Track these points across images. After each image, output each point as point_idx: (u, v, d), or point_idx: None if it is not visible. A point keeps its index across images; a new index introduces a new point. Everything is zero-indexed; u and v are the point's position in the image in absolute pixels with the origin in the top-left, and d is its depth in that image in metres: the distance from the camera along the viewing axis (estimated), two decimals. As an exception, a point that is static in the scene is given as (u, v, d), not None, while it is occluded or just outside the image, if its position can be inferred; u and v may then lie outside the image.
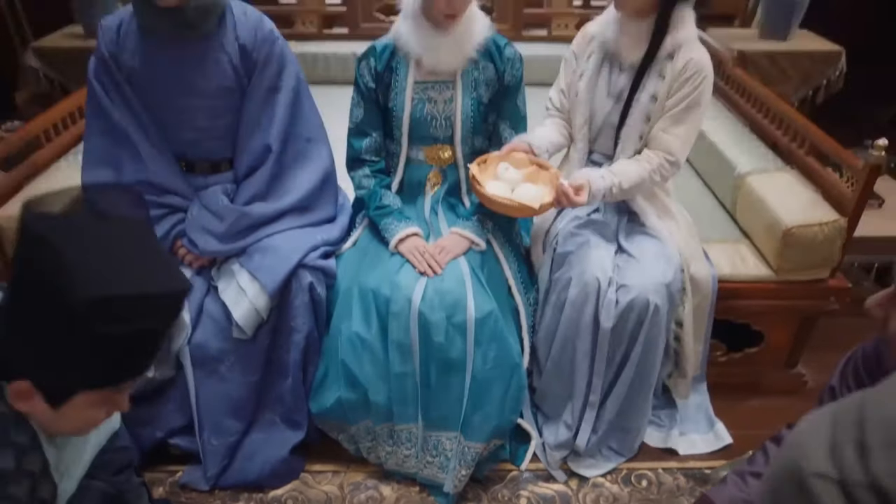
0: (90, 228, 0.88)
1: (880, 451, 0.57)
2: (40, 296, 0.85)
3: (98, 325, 0.84)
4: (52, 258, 0.83)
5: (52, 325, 0.85)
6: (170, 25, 1.53)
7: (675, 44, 1.54)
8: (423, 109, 1.69)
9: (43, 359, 0.87)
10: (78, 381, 0.90)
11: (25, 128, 1.93)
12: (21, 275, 0.87)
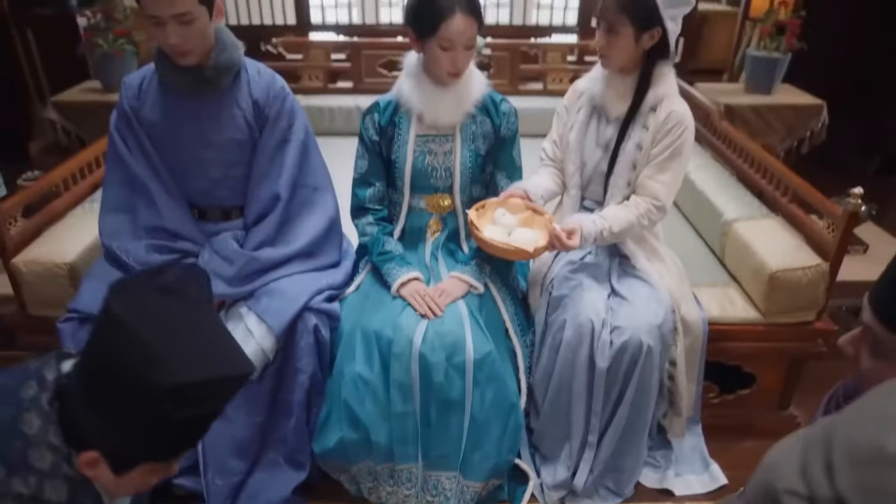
0: (166, 311, 0.92)
1: (844, 470, 0.64)
2: (119, 377, 0.89)
3: (174, 410, 0.89)
4: (134, 343, 0.87)
5: (128, 406, 0.89)
6: (189, 82, 1.65)
7: (657, 98, 1.66)
8: (424, 161, 1.79)
9: (116, 435, 0.92)
10: (145, 455, 0.96)
11: (45, 177, 2.03)
12: (101, 354, 0.92)
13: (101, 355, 0.92)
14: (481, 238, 1.62)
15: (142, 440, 0.93)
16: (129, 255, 1.68)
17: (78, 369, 0.95)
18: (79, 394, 0.93)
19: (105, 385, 0.91)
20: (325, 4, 4.22)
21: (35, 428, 0.92)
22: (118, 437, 0.92)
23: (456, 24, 1.58)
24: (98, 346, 0.92)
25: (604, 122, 1.77)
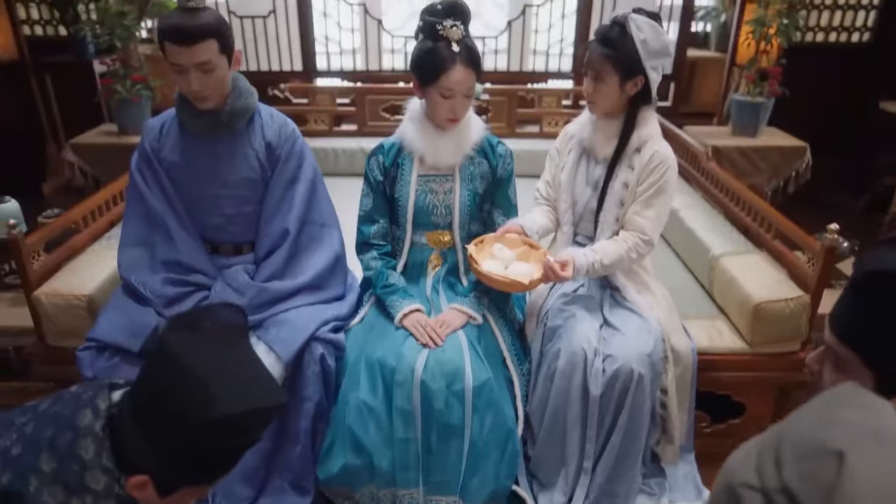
0: (213, 347, 1.00)
1: (790, 464, 0.72)
2: (171, 408, 0.97)
3: (221, 439, 0.97)
4: (186, 378, 0.95)
5: (178, 434, 0.97)
6: (207, 125, 1.78)
7: (641, 139, 1.78)
8: (425, 199, 1.90)
9: (165, 460, 0.99)
10: (190, 480, 1.04)
11: (66, 215, 2.14)
12: (154, 386, 1.00)
13: (154, 387, 1.00)
14: (480, 271, 1.72)
15: (188, 466, 1.01)
16: (146, 287, 1.78)
17: (129, 399, 1.03)
18: (130, 422, 1.00)
19: (156, 414, 0.99)
20: (330, 52, 4.40)
21: (90, 453, 1.00)
22: (166, 462, 0.99)
23: (456, 75, 1.71)
24: (151, 379, 1.01)
25: (592, 163, 1.89)
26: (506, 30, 4.27)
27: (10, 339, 2.18)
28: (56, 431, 1.02)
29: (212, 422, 0.96)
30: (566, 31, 4.28)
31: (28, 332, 2.14)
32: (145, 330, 1.72)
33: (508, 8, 4.34)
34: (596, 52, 1.75)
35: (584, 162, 1.91)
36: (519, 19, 4.22)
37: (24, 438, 1.04)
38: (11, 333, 2.18)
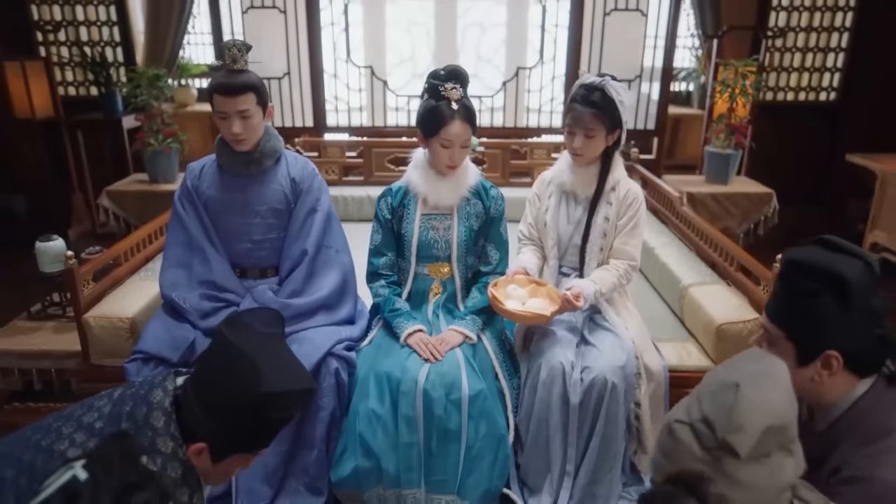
0: (261, 340, 1.26)
1: (706, 399, 0.99)
2: (229, 386, 1.21)
3: (267, 412, 1.23)
4: (243, 361, 1.21)
5: (233, 408, 1.21)
6: (242, 163, 2.10)
7: (615, 180, 2.08)
8: (427, 235, 2.19)
9: (220, 430, 1.23)
10: (238, 448, 1.28)
11: (110, 250, 2.43)
12: (215, 369, 1.25)
13: (214, 370, 1.26)
14: (505, 310, 1.98)
15: (237, 435, 1.25)
16: (185, 302, 2.05)
17: (192, 381, 1.29)
18: (193, 399, 1.26)
19: (215, 392, 1.24)
20: (339, 109, 4.78)
21: (161, 423, 1.25)
22: (221, 432, 1.24)
23: (454, 129, 2.02)
24: (211, 364, 1.27)
25: (573, 204, 2.18)
26: (501, 89, 4.66)
27: (53, 362, 2.42)
28: (134, 406, 1.27)
29: (260, 397, 1.21)
30: (556, 91, 4.66)
31: (69, 355, 2.40)
32: (183, 343, 1.98)
33: (504, 69, 4.72)
34: (586, 113, 2.05)
35: (565, 203, 2.20)
36: (513, 80, 4.61)
37: (104, 415, 1.29)
38: (54, 357, 2.42)
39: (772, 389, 0.98)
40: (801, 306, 1.25)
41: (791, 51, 4.89)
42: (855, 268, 1.22)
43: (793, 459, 0.98)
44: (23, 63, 4.24)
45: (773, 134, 4.84)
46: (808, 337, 1.25)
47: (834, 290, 1.20)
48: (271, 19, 4.36)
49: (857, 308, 1.20)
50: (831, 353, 1.22)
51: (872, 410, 1.23)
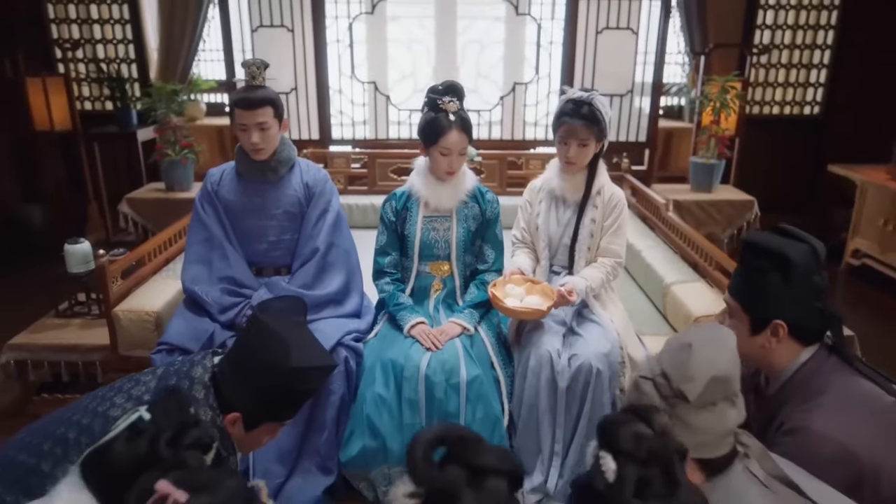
0: (289, 323, 1.46)
1: (666, 356, 1.18)
2: (262, 362, 1.40)
3: (294, 385, 1.42)
4: (275, 339, 1.40)
5: (265, 382, 1.40)
6: (259, 170, 2.29)
7: (599, 184, 2.28)
8: (428, 235, 2.38)
9: (255, 401, 1.42)
10: (269, 417, 1.46)
11: (135, 251, 2.63)
12: (249, 347, 1.44)
13: (248, 347, 1.45)
14: (506, 307, 2.16)
15: (268, 405, 1.44)
16: (207, 295, 2.24)
17: (228, 358, 1.48)
18: (229, 374, 1.44)
19: (249, 366, 1.43)
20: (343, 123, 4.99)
21: (201, 395, 1.44)
22: (254, 402, 1.42)
23: (452, 138, 2.22)
24: (246, 342, 1.47)
25: (562, 208, 2.38)
26: (499, 104, 4.87)
27: (80, 355, 2.61)
28: (178, 380, 1.46)
29: (289, 371, 1.40)
30: (551, 106, 4.88)
31: (95, 349, 2.58)
32: (204, 334, 2.17)
33: (502, 85, 4.94)
34: (578, 125, 2.23)
35: (555, 208, 2.40)
36: (510, 95, 4.83)
37: (151, 389, 1.48)
38: (80, 350, 2.60)
39: (718, 350, 1.17)
40: (753, 282, 1.45)
41: (776, 67, 5.11)
42: (800, 250, 1.42)
43: (735, 409, 1.17)
44: (44, 79, 4.45)
45: (761, 146, 5.05)
46: (759, 308, 1.44)
47: (780, 268, 1.39)
48: (279, 37, 4.59)
49: (799, 284, 1.39)
50: (778, 323, 1.41)
51: (814, 374, 1.42)
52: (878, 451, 1.32)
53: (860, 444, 1.31)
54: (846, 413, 1.36)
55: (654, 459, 0.89)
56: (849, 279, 4.49)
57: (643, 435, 0.91)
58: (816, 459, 1.29)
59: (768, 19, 4.99)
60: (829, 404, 1.37)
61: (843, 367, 1.46)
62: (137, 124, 4.72)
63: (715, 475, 1.15)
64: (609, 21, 4.60)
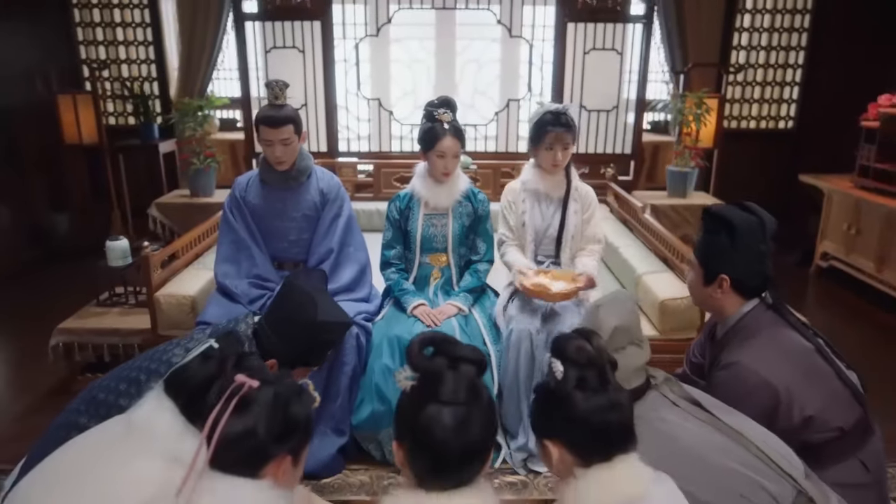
0: (315, 287, 1.83)
1: (586, 319, 1.53)
2: (296, 317, 1.76)
3: (320, 335, 1.77)
4: (306, 298, 1.76)
5: (296, 333, 1.75)
6: (281, 179, 2.64)
7: (575, 182, 2.64)
8: (428, 231, 2.73)
9: (289, 350, 1.76)
10: (300, 362, 1.80)
11: (169, 246, 3.00)
12: (284, 306, 1.79)
13: (283, 305, 1.80)
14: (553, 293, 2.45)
15: (298, 353, 1.78)
16: (237, 288, 2.59)
17: (266, 316, 1.83)
18: (267, 328, 1.79)
19: (284, 321, 1.78)
20: (350, 137, 5.37)
21: (245, 346, 1.78)
22: (288, 351, 1.77)
23: (446, 142, 2.58)
24: (282, 302, 1.82)
25: (545, 204, 2.73)
26: (493, 119, 5.26)
27: (120, 338, 2.95)
28: None
29: (316, 324, 1.75)
30: (543, 120, 5.25)
31: (133, 332, 2.93)
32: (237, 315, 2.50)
33: (498, 101, 5.32)
34: (562, 132, 2.59)
35: (538, 205, 2.75)
36: (504, 111, 5.21)
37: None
38: (121, 334, 2.95)
39: (619, 308, 1.53)
40: (706, 242, 1.80)
41: (751, 85, 5.49)
42: (746, 220, 1.75)
43: (641, 350, 1.52)
44: (74, 96, 4.83)
45: (740, 158, 5.42)
46: (708, 263, 1.79)
47: (727, 231, 1.74)
48: (291, 57, 4.98)
49: (743, 247, 1.72)
50: (722, 277, 1.76)
51: (752, 322, 1.75)
52: (793, 385, 1.65)
53: (778, 378, 1.64)
54: (770, 354, 1.69)
55: (591, 365, 1.24)
56: (819, 280, 4.84)
57: (584, 347, 1.26)
58: (743, 387, 1.63)
59: (743, 41, 5.38)
60: (757, 346, 1.70)
61: (778, 321, 1.78)
62: (159, 137, 5.09)
63: (636, 401, 1.49)
64: (595, 42, 4.99)
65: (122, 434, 1.34)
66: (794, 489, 1.39)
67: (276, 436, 1.20)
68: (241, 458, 1.18)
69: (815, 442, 1.65)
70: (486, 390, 1.20)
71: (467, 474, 1.13)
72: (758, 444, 1.43)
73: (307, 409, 1.27)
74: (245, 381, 1.19)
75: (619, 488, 1.19)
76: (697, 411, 1.50)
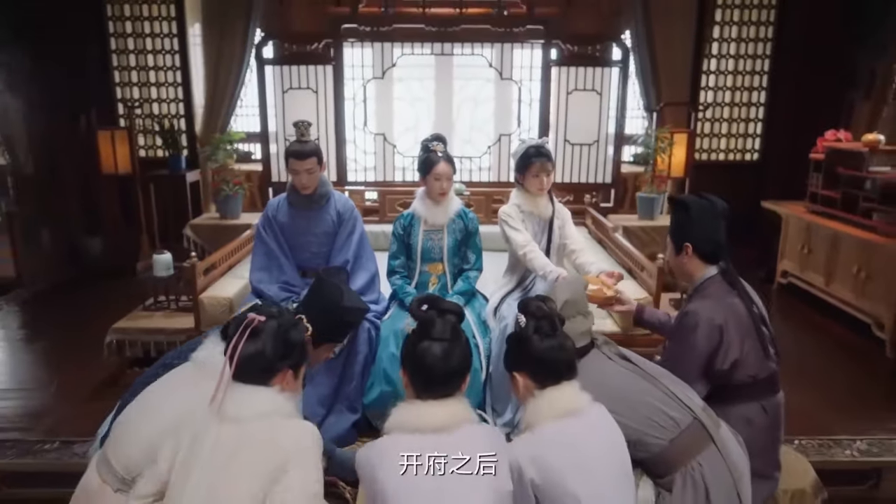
0: (339, 279, 2.36)
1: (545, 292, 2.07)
2: (326, 302, 2.24)
3: (343, 317, 2.27)
4: (333, 289, 2.27)
5: (327, 314, 2.23)
6: (305, 201, 3.19)
7: (556, 203, 3.18)
8: (427, 244, 3.27)
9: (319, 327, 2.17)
10: (327, 338, 2.31)
11: (210, 258, 3.54)
12: (317, 294, 2.29)
13: (317, 294, 2.31)
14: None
15: (327, 330, 2.28)
16: (269, 291, 3.12)
17: (303, 302, 2.34)
18: (302, 311, 2.29)
19: (317, 305, 2.28)
20: (357, 168, 5.96)
21: None
22: (318, 328, 2.26)
23: (440, 167, 3.14)
24: (315, 291, 2.33)
25: (535, 223, 3.26)
26: (487, 151, 5.84)
27: (165, 336, 3.47)
28: None
29: (342, 308, 2.27)
30: (531, 153, 5.83)
31: (176, 331, 3.45)
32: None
33: (491, 135, 5.91)
34: (545, 161, 3.12)
35: (530, 224, 3.28)
36: (496, 144, 5.81)
37: None
38: (166, 333, 3.46)
39: (569, 286, 2.07)
40: (673, 221, 2.35)
41: (719, 121, 6.09)
42: (699, 202, 2.32)
43: (586, 320, 2.05)
44: (112, 132, 5.44)
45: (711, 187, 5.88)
46: (676, 236, 2.33)
47: (685, 210, 2.29)
48: (305, 97, 5.60)
49: (697, 220, 2.27)
50: (686, 244, 2.28)
51: (710, 285, 2.27)
52: (729, 332, 2.17)
53: (722, 322, 2.16)
54: (718, 308, 2.20)
55: (545, 317, 1.77)
56: (780, 295, 5.36)
57: (541, 306, 1.79)
58: (694, 328, 2.14)
59: (711, 82, 5.99)
60: (707, 300, 2.22)
61: (728, 288, 2.28)
62: (185, 168, 5.67)
63: (582, 356, 2.01)
64: (577, 84, 5.61)
65: (190, 369, 1.88)
66: (691, 416, 1.91)
67: (279, 355, 1.71)
68: (255, 372, 1.69)
69: (733, 384, 2.19)
70: (463, 333, 1.72)
71: (450, 388, 1.65)
72: (668, 386, 1.95)
73: (301, 335, 1.80)
74: (255, 317, 1.71)
75: (563, 404, 1.71)
76: (626, 364, 2.02)
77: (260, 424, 1.63)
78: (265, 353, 1.70)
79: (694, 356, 2.18)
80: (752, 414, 2.19)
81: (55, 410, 3.32)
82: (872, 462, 2.90)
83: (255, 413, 1.64)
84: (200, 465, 1.60)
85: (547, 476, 1.64)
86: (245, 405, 1.66)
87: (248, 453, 1.59)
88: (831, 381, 3.76)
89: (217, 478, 1.57)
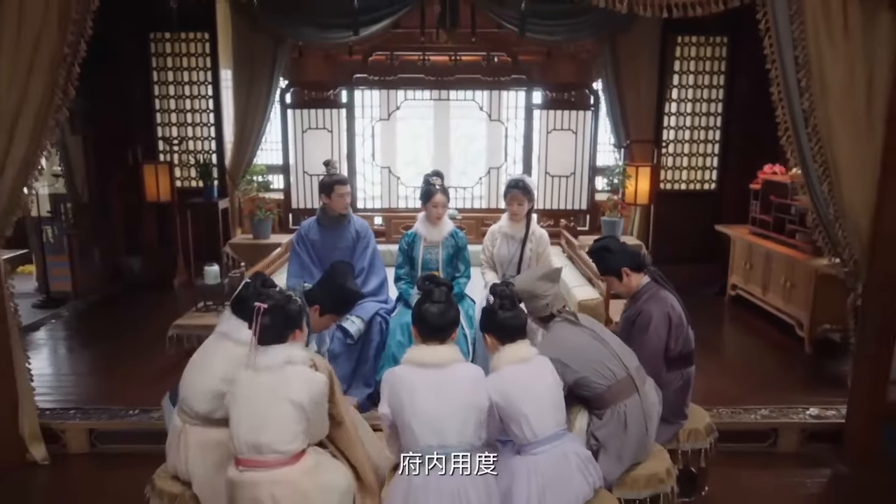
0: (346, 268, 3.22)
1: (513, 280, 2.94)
2: (334, 282, 3.10)
3: (347, 296, 3.12)
4: (341, 272, 3.13)
5: (334, 291, 3.08)
6: (333, 221, 4.07)
7: (532, 227, 4.05)
8: (426, 256, 4.14)
9: (325, 301, 3.06)
10: (331, 311, 3.17)
11: (254, 268, 4.38)
12: (330, 277, 3.15)
13: (328, 276, 3.17)
14: None
15: (332, 303, 3.11)
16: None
17: (319, 281, 3.20)
18: (316, 289, 3.13)
19: (326, 285, 3.12)
20: (365, 197, 6.85)
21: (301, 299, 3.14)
22: (325, 301, 3.09)
23: (438, 197, 4.03)
24: (327, 275, 3.19)
25: (510, 242, 4.12)
26: (479, 182, 6.74)
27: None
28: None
29: (346, 288, 3.12)
30: (516, 183, 6.73)
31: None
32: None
33: (483, 168, 6.81)
34: (518, 192, 4.00)
35: (506, 243, 4.14)
36: (487, 176, 6.70)
37: None
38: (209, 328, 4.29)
39: (526, 280, 2.92)
40: (601, 261, 3.19)
41: (680, 155, 7.00)
42: (611, 241, 3.18)
43: (543, 301, 2.89)
44: (156, 166, 6.33)
45: (675, 213, 6.85)
46: (611, 269, 3.16)
47: (607, 251, 3.14)
48: (321, 136, 6.51)
49: (619, 252, 3.12)
50: (623, 269, 3.12)
51: (649, 288, 3.09)
52: (675, 319, 2.98)
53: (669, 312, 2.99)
54: (661, 302, 3.01)
55: (507, 298, 2.62)
56: (730, 305, 6.22)
57: (505, 290, 2.65)
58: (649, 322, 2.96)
59: (672, 123, 6.92)
60: (651, 299, 3.03)
61: (659, 288, 3.09)
62: (218, 196, 6.56)
63: (548, 322, 2.86)
64: (556, 125, 6.53)
65: (217, 339, 2.71)
66: (625, 372, 2.74)
67: (285, 324, 2.50)
68: (273, 337, 2.46)
69: (670, 357, 3.00)
70: (454, 298, 2.56)
71: (444, 336, 2.49)
72: (614, 347, 2.78)
73: (297, 306, 2.55)
74: (261, 305, 2.51)
75: (517, 354, 2.55)
76: (583, 328, 2.85)
77: (282, 371, 2.36)
78: (277, 325, 2.42)
79: (654, 346, 2.95)
80: (672, 379, 3.01)
81: (128, 391, 4.14)
82: (770, 423, 3.72)
83: (279, 361, 2.38)
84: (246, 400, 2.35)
85: (507, 400, 2.47)
86: (270, 357, 2.39)
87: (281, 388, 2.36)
88: (755, 371, 4.61)
89: (262, 405, 2.35)
